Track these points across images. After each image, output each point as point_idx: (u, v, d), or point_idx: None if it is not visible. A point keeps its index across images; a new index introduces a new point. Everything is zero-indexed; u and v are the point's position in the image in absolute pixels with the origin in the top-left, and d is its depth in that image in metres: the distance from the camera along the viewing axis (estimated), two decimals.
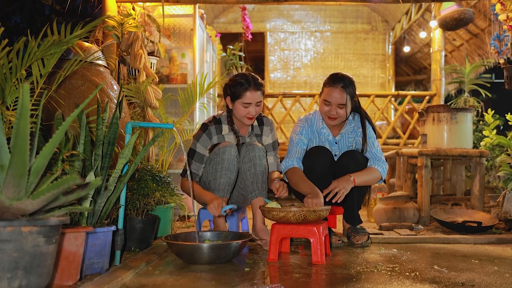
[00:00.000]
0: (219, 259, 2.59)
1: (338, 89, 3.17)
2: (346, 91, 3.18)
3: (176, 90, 4.73)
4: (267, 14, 9.81)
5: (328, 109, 3.21)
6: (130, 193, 2.98)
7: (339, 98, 3.17)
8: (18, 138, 1.44)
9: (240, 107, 3.16)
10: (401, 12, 8.99)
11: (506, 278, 2.28)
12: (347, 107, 3.20)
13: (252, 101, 3.14)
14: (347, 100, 3.18)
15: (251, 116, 3.18)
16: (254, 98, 3.14)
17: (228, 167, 3.06)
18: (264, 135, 3.40)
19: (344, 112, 3.20)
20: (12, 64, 2.48)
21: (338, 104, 3.18)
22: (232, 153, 3.08)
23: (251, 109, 3.16)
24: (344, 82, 3.19)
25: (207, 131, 3.26)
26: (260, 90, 3.17)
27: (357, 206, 3.35)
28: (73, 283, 2.04)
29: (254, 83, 3.14)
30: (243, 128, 3.35)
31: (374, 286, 2.12)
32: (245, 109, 3.15)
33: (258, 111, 3.21)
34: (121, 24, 4.05)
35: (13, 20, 13.40)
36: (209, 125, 3.28)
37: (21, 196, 1.52)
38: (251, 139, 3.35)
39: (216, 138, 3.27)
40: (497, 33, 4.48)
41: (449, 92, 8.71)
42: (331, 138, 3.35)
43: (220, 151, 3.08)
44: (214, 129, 3.27)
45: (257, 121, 3.40)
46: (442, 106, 4.47)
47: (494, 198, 4.60)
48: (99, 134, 2.44)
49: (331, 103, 3.19)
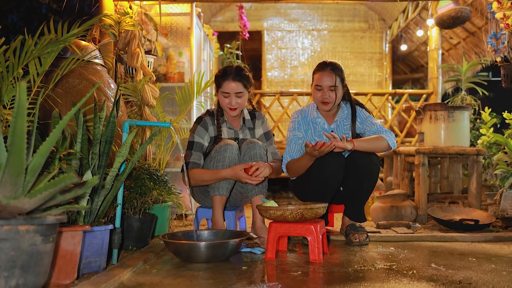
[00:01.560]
0: (216, 258, 2.59)
1: (327, 72, 3.24)
2: (335, 73, 3.24)
3: (173, 89, 4.72)
4: (264, 13, 9.80)
5: (321, 94, 3.26)
6: (128, 192, 2.97)
7: (329, 81, 3.23)
8: (15, 136, 1.44)
9: (221, 97, 3.24)
10: (398, 10, 8.99)
11: (503, 276, 2.28)
12: (338, 90, 3.25)
13: (230, 91, 3.19)
14: (337, 82, 3.24)
15: (232, 107, 3.23)
16: (233, 88, 3.19)
17: (229, 165, 3.08)
18: (256, 128, 3.44)
19: (335, 95, 3.25)
20: (9, 62, 2.47)
21: (329, 87, 3.23)
22: (234, 152, 3.11)
23: (231, 99, 3.21)
24: (332, 66, 3.27)
25: (202, 122, 3.32)
26: (240, 81, 3.20)
27: (364, 201, 3.31)
28: (70, 282, 2.04)
29: (235, 74, 3.20)
30: (235, 121, 3.40)
31: (371, 284, 2.12)
32: (225, 99, 3.22)
33: (240, 103, 3.24)
34: (118, 23, 4.05)
35: (10, 19, 13.37)
36: (203, 117, 3.35)
37: (18, 195, 1.51)
38: (243, 132, 3.39)
39: (212, 129, 3.33)
40: (494, 31, 4.48)
41: (446, 90, 8.71)
42: (327, 126, 3.37)
43: (222, 149, 3.09)
44: (209, 119, 3.34)
45: (250, 115, 3.45)
46: (439, 104, 4.47)
47: (491, 196, 4.61)
48: (96, 133, 2.44)
49: (322, 87, 3.24)
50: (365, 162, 3.14)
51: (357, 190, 3.21)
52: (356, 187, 3.20)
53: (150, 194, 3.05)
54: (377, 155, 3.28)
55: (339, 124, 3.39)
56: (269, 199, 2.84)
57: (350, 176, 3.19)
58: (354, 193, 3.23)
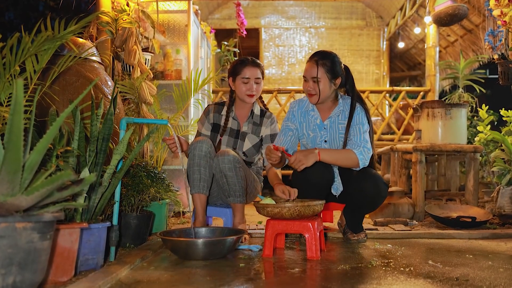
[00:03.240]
0: (214, 255, 2.60)
1: (311, 62, 3.11)
2: (319, 63, 3.06)
3: (170, 86, 4.72)
4: (262, 10, 9.80)
5: (305, 85, 3.14)
6: (125, 189, 2.97)
7: (310, 71, 3.09)
8: (12, 134, 1.43)
9: (240, 84, 3.34)
10: (395, 8, 9.00)
11: (500, 272, 2.29)
12: (321, 82, 3.07)
13: (251, 76, 3.33)
14: (320, 73, 3.06)
15: (251, 93, 3.34)
16: (253, 73, 3.34)
17: (199, 163, 3.12)
18: (263, 125, 3.46)
19: (318, 87, 3.07)
20: (6, 60, 2.46)
21: (312, 78, 3.08)
22: (203, 149, 3.12)
23: (251, 85, 3.33)
24: (318, 56, 3.11)
25: (206, 109, 3.51)
26: (258, 67, 3.38)
27: (364, 215, 3.26)
28: (67, 279, 2.04)
29: (253, 61, 3.39)
30: (243, 112, 3.48)
31: (368, 281, 2.13)
32: (245, 85, 3.33)
33: (258, 90, 3.36)
34: (115, 20, 4.04)
35: (7, 16, 13.35)
36: (210, 105, 3.52)
37: (15, 192, 1.51)
38: (248, 125, 3.44)
39: (212, 116, 3.46)
40: (491, 29, 4.49)
41: (443, 87, 8.74)
42: (319, 122, 3.21)
43: (192, 147, 3.15)
44: (213, 108, 3.49)
45: (260, 112, 3.51)
46: (437, 102, 4.48)
47: (488, 194, 4.63)
48: (93, 130, 2.43)
49: (306, 77, 3.12)
50: (371, 190, 3.02)
51: (360, 210, 3.19)
52: (359, 208, 3.17)
53: (148, 192, 3.06)
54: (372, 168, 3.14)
55: (334, 121, 3.19)
56: (267, 196, 2.85)
57: (353, 197, 3.12)
58: (357, 211, 3.19)
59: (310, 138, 3.21)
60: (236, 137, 3.41)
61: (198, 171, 3.11)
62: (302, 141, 3.29)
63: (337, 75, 3.12)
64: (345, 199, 3.25)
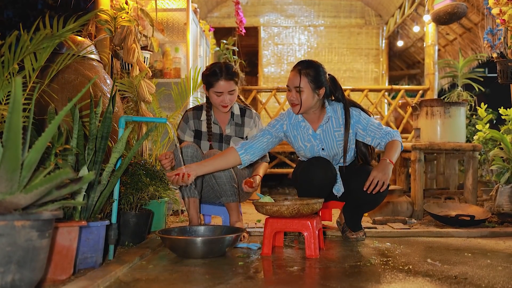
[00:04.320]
0: (213, 253, 2.60)
1: (294, 72, 3.04)
2: (302, 73, 3.00)
3: (169, 85, 4.71)
4: (261, 9, 9.79)
5: (288, 94, 3.07)
6: (124, 188, 2.97)
7: (293, 80, 3.02)
8: (10, 132, 1.43)
9: (213, 96, 3.24)
10: (394, 6, 8.99)
11: (498, 271, 2.29)
12: (303, 92, 3.00)
13: (224, 90, 3.20)
14: (303, 83, 2.99)
15: (225, 104, 3.24)
16: (226, 87, 3.20)
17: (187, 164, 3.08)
18: (246, 126, 3.42)
19: (300, 97, 3.01)
20: (4, 58, 2.46)
21: (294, 87, 3.01)
22: (189, 153, 3.11)
23: (224, 97, 3.22)
24: (302, 65, 3.05)
25: (185, 116, 3.40)
26: (232, 79, 3.21)
27: (362, 215, 3.29)
28: (66, 278, 2.04)
29: (226, 73, 3.19)
30: (223, 116, 3.41)
31: (367, 279, 2.13)
32: (218, 98, 3.22)
33: (232, 100, 3.26)
34: (114, 18, 4.03)
35: (6, 14, 13.33)
36: (188, 112, 3.41)
37: (14, 190, 1.51)
38: (230, 128, 3.39)
39: (192, 123, 3.39)
40: (490, 27, 4.48)
41: (442, 86, 8.73)
42: (311, 132, 3.15)
43: (178, 153, 3.12)
44: (191, 114, 3.40)
45: (240, 111, 3.44)
46: (436, 100, 4.48)
47: (487, 192, 4.63)
48: (92, 129, 2.43)
49: (289, 87, 3.06)
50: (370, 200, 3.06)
51: (359, 209, 3.20)
52: (358, 207, 3.18)
53: (147, 190, 3.05)
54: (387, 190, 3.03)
55: (326, 129, 3.14)
56: (265, 194, 2.85)
57: (354, 195, 3.13)
58: (356, 210, 3.20)
59: (308, 149, 3.17)
60: (220, 141, 3.39)
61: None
62: (300, 153, 3.23)
63: (321, 85, 3.04)
64: (345, 198, 3.25)
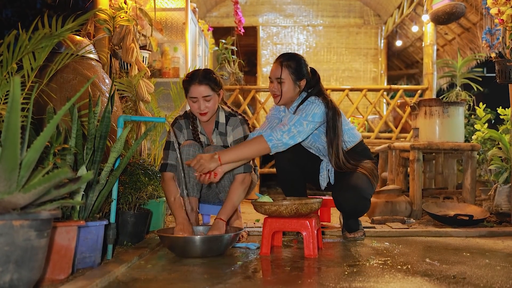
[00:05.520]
0: (211, 252, 2.60)
1: (276, 64, 3.13)
2: (283, 64, 3.09)
3: (168, 84, 4.71)
4: (260, 8, 9.79)
5: (270, 85, 3.15)
6: (122, 187, 2.97)
7: (275, 72, 3.10)
8: (9, 131, 1.43)
9: (190, 102, 3.06)
10: (393, 6, 9.00)
11: (497, 270, 2.29)
12: (284, 84, 3.08)
13: (197, 95, 3.00)
14: (284, 75, 3.08)
15: (201, 111, 3.03)
16: (199, 92, 2.99)
17: (188, 167, 3.00)
18: (229, 136, 3.21)
19: (282, 88, 3.08)
20: (3, 57, 2.46)
21: (276, 78, 3.09)
22: (190, 153, 3.06)
23: (199, 104, 3.01)
24: (283, 58, 3.13)
25: (177, 124, 3.21)
26: (207, 84, 3.00)
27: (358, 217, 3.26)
28: (65, 277, 2.04)
29: (201, 77, 3.01)
30: (208, 124, 3.22)
31: (366, 279, 2.13)
32: (194, 104, 3.03)
33: (210, 107, 3.04)
34: (112, 18, 4.03)
35: (4, 14, 13.32)
36: (178, 119, 3.24)
37: (12, 190, 1.51)
38: (216, 137, 3.21)
39: (186, 132, 3.22)
40: (488, 27, 4.48)
41: (441, 86, 8.74)
42: None
43: (180, 152, 3.09)
44: (183, 122, 3.23)
45: (226, 119, 3.21)
46: (434, 100, 4.48)
47: (486, 192, 4.63)
48: (91, 128, 2.43)
49: (271, 78, 3.14)
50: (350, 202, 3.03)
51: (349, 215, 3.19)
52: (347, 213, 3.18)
53: (145, 190, 3.05)
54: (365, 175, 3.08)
55: None
56: (264, 194, 2.85)
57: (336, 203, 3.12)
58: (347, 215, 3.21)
59: None
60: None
61: (188, 175, 3.09)
62: None
63: (301, 77, 3.12)
64: None
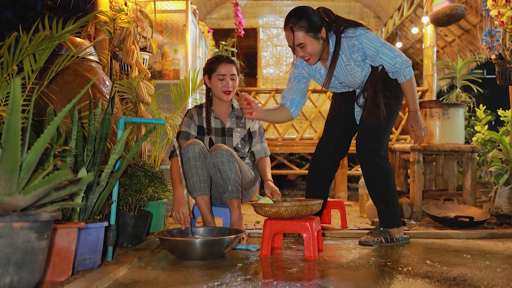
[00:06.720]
0: (212, 255, 2.59)
1: (287, 31, 2.93)
2: (294, 29, 2.88)
3: (168, 86, 4.71)
4: (260, 10, 9.79)
5: (295, 53, 2.99)
6: (123, 189, 2.97)
7: (290, 40, 2.92)
8: (9, 133, 1.43)
9: (216, 81, 3.33)
10: (393, 8, 9.00)
11: (497, 272, 2.29)
12: (308, 45, 2.91)
13: (226, 72, 3.32)
14: (301, 37, 2.89)
15: (228, 89, 3.33)
16: (228, 70, 3.32)
17: (195, 165, 3.10)
18: (248, 119, 3.48)
19: (309, 49, 2.92)
20: (4, 59, 2.46)
21: (296, 46, 2.93)
22: (196, 150, 3.11)
23: (226, 81, 3.32)
24: (291, 20, 2.90)
25: (188, 113, 3.45)
26: (233, 64, 3.37)
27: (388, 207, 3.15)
28: (65, 279, 2.04)
29: (227, 58, 3.37)
30: (224, 109, 3.46)
31: (366, 281, 2.13)
32: (221, 82, 3.32)
33: (234, 86, 3.35)
34: (113, 20, 4.03)
35: (5, 15, 13.33)
36: (190, 109, 3.48)
37: (13, 192, 1.51)
38: (231, 120, 3.44)
39: (197, 118, 3.42)
40: (488, 29, 4.48)
41: (441, 87, 8.73)
42: (324, 72, 3.13)
43: (185, 151, 3.12)
44: (195, 110, 3.45)
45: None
46: (434, 102, 4.48)
47: (486, 193, 4.63)
48: (91, 130, 2.43)
49: (291, 46, 2.97)
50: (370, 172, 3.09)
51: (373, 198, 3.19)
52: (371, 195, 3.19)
53: (145, 191, 3.05)
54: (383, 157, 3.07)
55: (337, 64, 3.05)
56: (264, 196, 2.85)
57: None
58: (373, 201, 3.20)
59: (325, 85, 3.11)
60: (223, 135, 3.41)
61: (196, 173, 3.09)
62: None
63: (319, 29, 2.92)
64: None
